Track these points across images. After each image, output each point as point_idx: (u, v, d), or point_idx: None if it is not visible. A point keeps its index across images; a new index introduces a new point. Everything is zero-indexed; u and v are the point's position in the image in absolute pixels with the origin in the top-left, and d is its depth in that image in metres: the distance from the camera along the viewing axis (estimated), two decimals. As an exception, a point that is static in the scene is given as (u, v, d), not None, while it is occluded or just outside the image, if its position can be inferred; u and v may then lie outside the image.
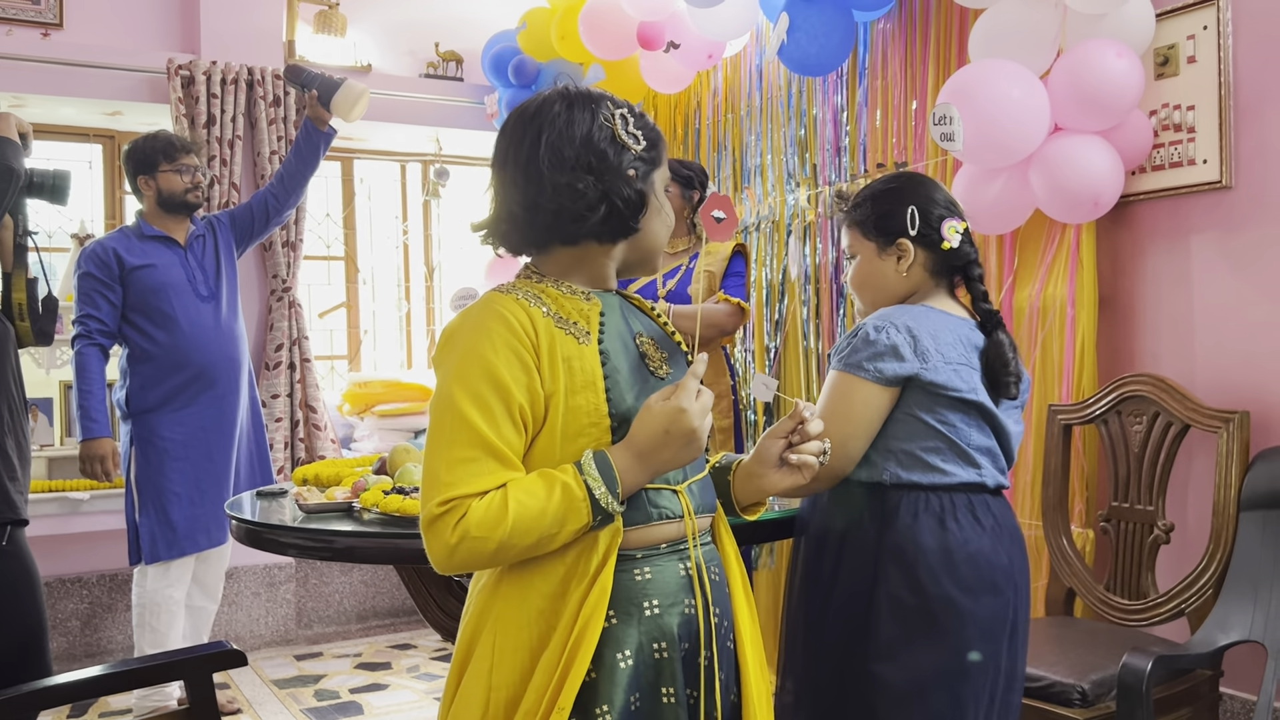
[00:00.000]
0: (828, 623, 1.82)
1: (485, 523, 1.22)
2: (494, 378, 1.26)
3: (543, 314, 1.32)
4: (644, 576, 1.31)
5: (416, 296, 5.40)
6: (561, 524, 1.24)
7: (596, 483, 1.24)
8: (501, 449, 1.25)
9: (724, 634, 1.37)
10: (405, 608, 4.71)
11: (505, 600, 1.31)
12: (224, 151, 4.25)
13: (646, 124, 1.41)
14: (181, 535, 3.38)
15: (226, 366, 3.50)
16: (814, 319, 3.57)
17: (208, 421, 3.44)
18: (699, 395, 1.28)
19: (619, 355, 1.34)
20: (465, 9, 4.97)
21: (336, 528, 2.03)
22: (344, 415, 4.75)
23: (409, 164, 5.38)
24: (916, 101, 3.18)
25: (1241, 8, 2.44)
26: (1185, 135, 2.55)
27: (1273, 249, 2.42)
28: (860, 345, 1.78)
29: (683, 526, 1.34)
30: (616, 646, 1.28)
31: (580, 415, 1.29)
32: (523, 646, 1.28)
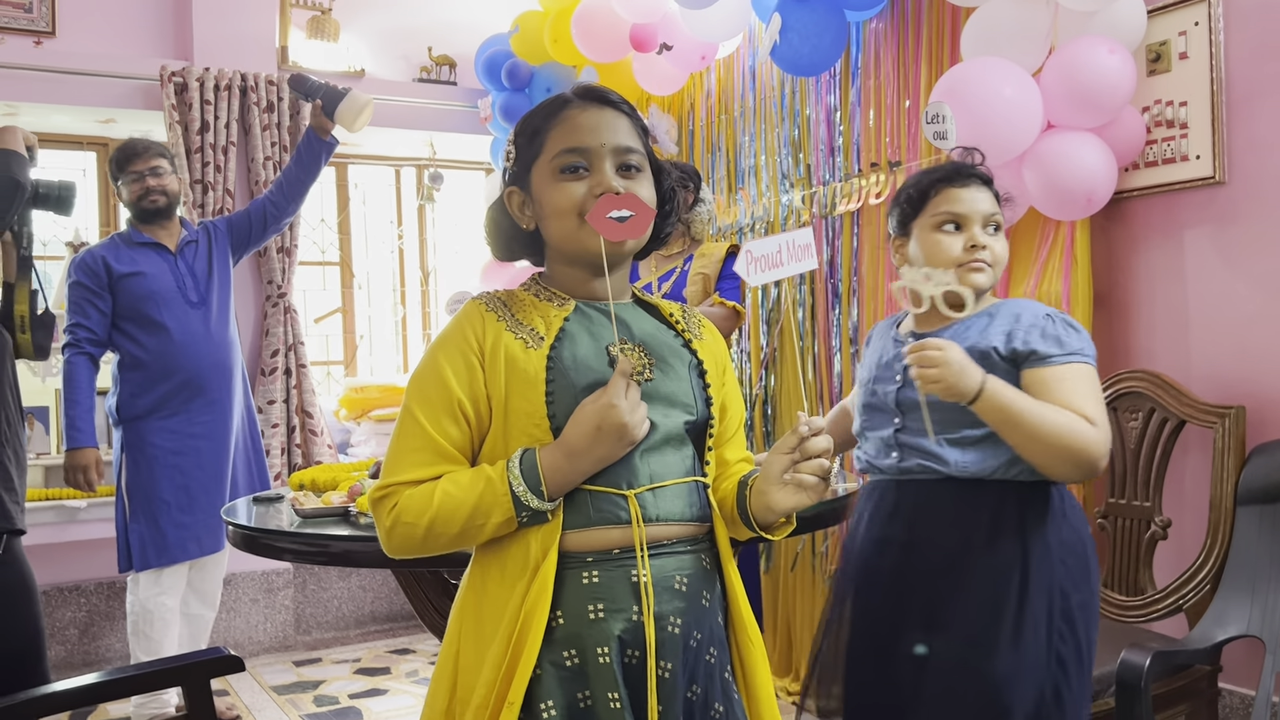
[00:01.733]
0: (950, 628, 1.76)
1: (413, 509, 1.30)
2: (438, 375, 1.34)
3: (496, 319, 1.37)
4: (591, 580, 1.30)
5: (412, 301, 5.39)
6: (486, 516, 1.29)
7: (517, 480, 1.28)
8: (439, 442, 1.32)
9: (695, 648, 1.33)
10: (404, 612, 4.70)
11: (469, 588, 1.38)
12: (218, 158, 4.25)
13: (532, 115, 1.42)
14: (172, 543, 3.36)
15: (218, 373, 3.48)
16: (809, 319, 3.57)
17: (199, 428, 3.42)
18: (629, 390, 1.28)
19: (575, 361, 1.33)
20: (458, 13, 4.97)
21: (332, 532, 2.03)
22: (340, 420, 4.75)
23: (403, 169, 5.38)
24: (910, 100, 3.18)
25: (1233, 3, 2.44)
26: (1178, 131, 2.55)
27: (1266, 243, 2.42)
28: (1070, 333, 1.78)
29: (630, 533, 1.31)
30: (560, 646, 1.29)
31: (522, 417, 1.32)
32: (482, 635, 1.32)
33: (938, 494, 1.82)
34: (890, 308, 3.23)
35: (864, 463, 1.96)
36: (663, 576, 1.32)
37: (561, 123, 1.38)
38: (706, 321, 1.52)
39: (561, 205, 1.36)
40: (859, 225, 3.38)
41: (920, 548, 1.82)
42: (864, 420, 1.96)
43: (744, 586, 1.44)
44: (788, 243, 1.43)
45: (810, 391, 3.57)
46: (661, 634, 1.30)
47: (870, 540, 1.90)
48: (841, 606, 1.95)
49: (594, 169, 1.36)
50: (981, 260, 1.83)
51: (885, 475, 1.91)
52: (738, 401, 1.52)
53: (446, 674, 1.35)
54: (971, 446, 1.78)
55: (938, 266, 1.80)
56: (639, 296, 1.49)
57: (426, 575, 2.37)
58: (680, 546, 1.35)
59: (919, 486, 1.85)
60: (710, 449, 1.43)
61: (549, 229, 1.40)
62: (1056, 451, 1.69)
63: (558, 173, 1.37)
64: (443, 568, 2.23)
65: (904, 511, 1.86)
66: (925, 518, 1.83)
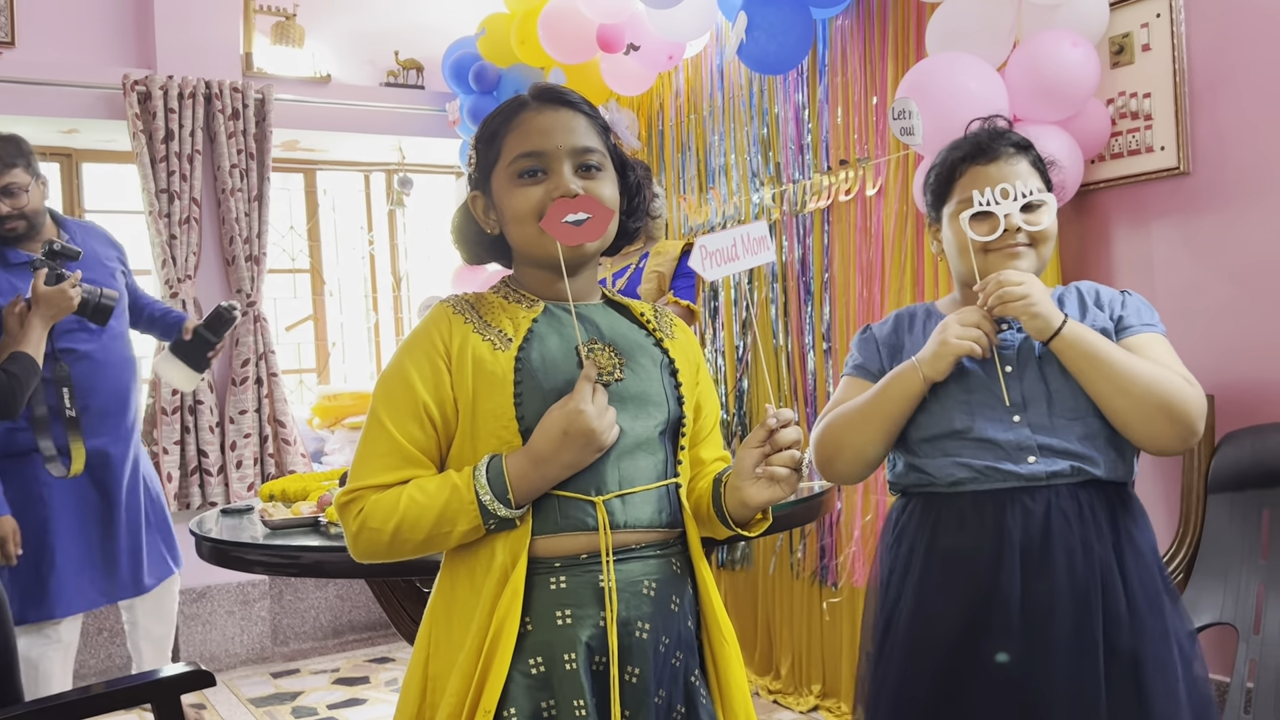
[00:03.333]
0: (1146, 633, 1.57)
1: (378, 514, 1.29)
2: (404, 379, 1.33)
3: (463, 321, 1.36)
4: (559, 586, 1.30)
5: (384, 307, 5.36)
6: (452, 523, 1.28)
7: (484, 489, 1.27)
8: (405, 446, 1.31)
9: (664, 653, 1.32)
10: (382, 621, 4.67)
11: (438, 594, 1.37)
12: (183, 166, 4.21)
13: (490, 120, 1.41)
14: (53, 595, 2.95)
15: (114, 402, 3.13)
16: (782, 317, 3.57)
17: (93, 463, 3.03)
18: (595, 395, 1.28)
19: (543, 362, 1.33)
20: (424, 16, 4.94)
21: (303, 543, 2.01)
22: (314, 429, 4.72)
23: (372, 174, 5.35)
24: (877, 97, 3.19)
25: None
26: (1142, 123, 2.57)
27: (1231, 233, 2.44)
28: (1146, 309, 1.68)
29: (598, 539, 1.30)
30: (528, 653, 1.28)
31: (490, 419, 1.31)
32: (452, 640, 1.31)
33: (1089, 498, 1.61)
34: (861, 304, 3.24)
35: (968, 470, 1.64)
36: (630, 582, 1.31)
37: (518, 126, 1.37)
38: (679, 321, 1.51)
39: (521, 210, 1.35)
40: (829, 222, 3.38)
41: (1078, 569, 1.57)
42: (965, 422, 1.65)
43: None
44: (742, 236, 1.41)
45: (783, 387, 3.57)
46: (629, 639, 1.30)
47: (1005, 566, 1.59)
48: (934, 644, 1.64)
49: (552, 172, 1.35)
50: (1018, 244, 1.65)
51: (1001, 484, 1.62)
52: (713, 400, 1.51)
53: (416, 681, 1.35)
54: (1097, 442, 1.62)
55: (966, 257, 1.66)
56: (609, 297, 1.48)
57: (401, 584, 2.35)
58: (649, 551, 1.34)
59: (1066, 492, 1.61)
60: (683, 449, 1.42)
61: (511, 233, 1.39)
62: (1152, 403, 1.54)
63: (516, 177, 1.36)
64: (415, 576, 2.21)
65: (1059, 522, 1.59)
66: (1079, 528, 1.59)
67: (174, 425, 4.20)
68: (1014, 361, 1.65)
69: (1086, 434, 1.61)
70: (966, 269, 1.68)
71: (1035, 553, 1.58)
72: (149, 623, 3.42)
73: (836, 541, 3.34)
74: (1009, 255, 1.65)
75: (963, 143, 1.75)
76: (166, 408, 4.18)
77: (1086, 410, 1.61)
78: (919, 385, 1.64)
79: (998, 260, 1.66)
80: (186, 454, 4.25)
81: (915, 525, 1.70)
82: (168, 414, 4.19)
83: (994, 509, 1.61)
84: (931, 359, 1.63)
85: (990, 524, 1.60)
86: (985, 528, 1.61)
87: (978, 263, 1.66)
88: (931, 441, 1.67)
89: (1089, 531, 1.58)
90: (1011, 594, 1.57)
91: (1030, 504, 1.60)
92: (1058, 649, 1.55)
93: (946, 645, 1.61)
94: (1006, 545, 1.59)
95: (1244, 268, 2.41)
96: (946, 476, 1.65)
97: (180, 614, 4.18)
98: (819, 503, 2.35)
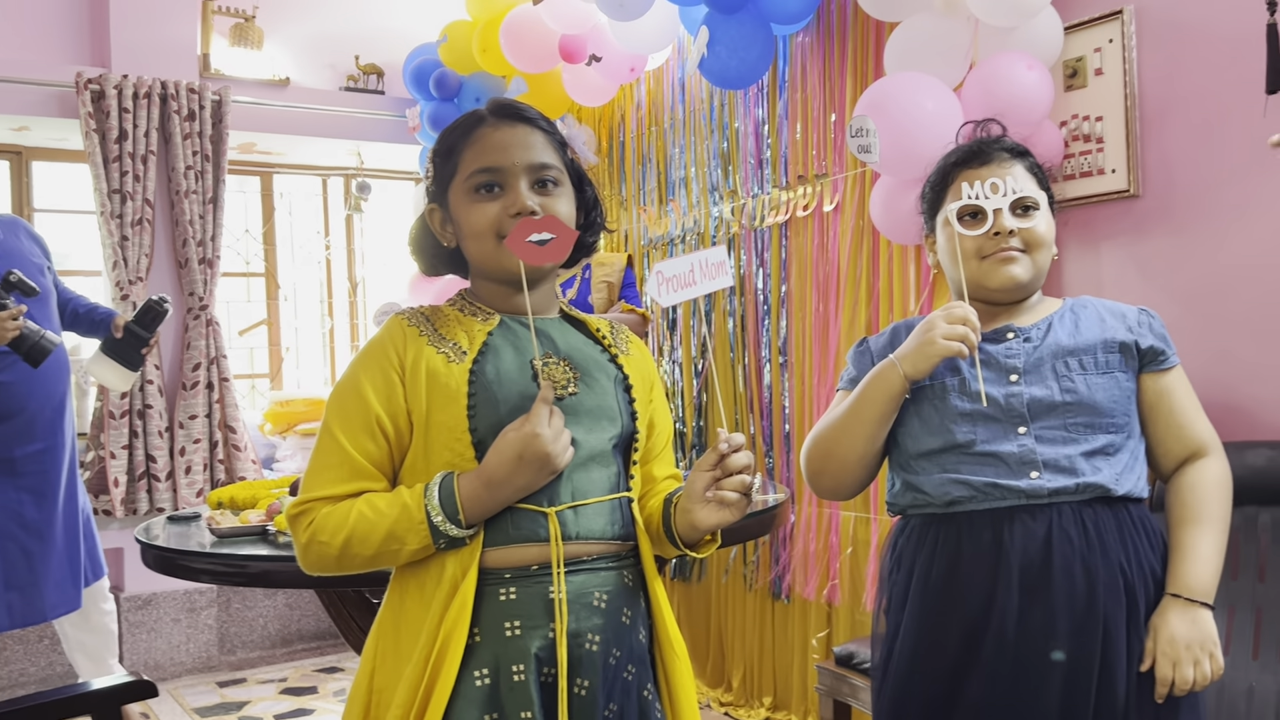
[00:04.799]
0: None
1: (328, 528, 1.28)
2: (358, 392, 1.32)
3: (418, 333, 1.36)
4: (508, 597, 1.29)
5: (340, 312, 5.32)
6: (401, 541, 1.27)
7: (435, 510, 1.26)
8: (356, 458, 1.31)
9: (614, 665, 1.32)
10: (331, 630, 4.62)
11: (387, 606, 1.36)
12: (137, 167, 4.15)
13: (447, 134, 1.41)
14: None
15: (48, 408, 3.03)
16: (739, 331, 3.59)
17: (27, 475, 2.95)
18: (552, 418, 1.27)
19: (498, 375, 1.32)
20: (385, 21, 4.92)
21: (250, 552, 1.98)
22: (266, 435, 4.66)
23: (330, 178, 5.31)
24: (835, 114, 3.21)
25: (1145, 22, 2.50)
26: (1094, 145, 2.61)
27: (1178, 255, 2.48)
28: (1166, 332, 1.65)
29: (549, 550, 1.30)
30: (476, 664, 1.27)
31: (443, 432, 1.31)
32: (400, 652, 1.30)
33: (1096, 517, 1.57)
34: (818, 319, 3.26)
35: (966, 488, 1.59)
36: (581, 593, 1.31)
37: (475, 142, 1.37)
38: (635, 338, 1.52)
39: (478, 226, 1.36)
40: (787, 237, 3.40)
41: (1079, 595, 1.54)
42: (967, 435, 1.60)
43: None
44: (700, 261, 1.41)
45: (740, 402, 3.58)
46: (579, 651, 1.29)
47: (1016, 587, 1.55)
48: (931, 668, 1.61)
49: (508, 188, 1.35)
50: (1011, 248, 1.61)
51: (1000, 502, 1.57)
52: (666, 418, 1.51)
53: (361, 694, 1.34)
54: (1109, 458, 1.59)
55: (958, 263, 1.62)
56: (566, 311, 1.49)
57: (350, 594, 2.32)
58: (601, 563, 1.34)
59: (1070, 511, 1.56)
60: (635, 464, 1.42)
61: (468, 248, 1.40)
62: (1227, 528, 1.63)
63: (472, 192, 1.37)
64: (364, 587, 2.19)
65: (1061, 544, 1.54)
66: (1096, 545, 1.55)
67: (122, 429, 4.13)
68: (1021, 371, 1.61)
69: (1101, 448, 1.58)
70: (960, 275, 1.64)
71: (1034, 575, 1.53)
72: (79, 635, 3.35)
73: (789, 554, 3.35)
74: (1003, 261, 1.61)
75: (957, 149, 1.72)
76: (115, 411, 4.11)
77: (1108, 423, 1.59)
78: (899, 384, 1.59)
79: (991, 268, 1.62)
80: (134, 459, 4.18)
81: (913, 548, 1.66)
82: (115, 418, 4.12)
83: (992, 530, 1.56)
84: (914, 356, 1.57)
85: (988, 546, 1.56)
86: (982, 551, 1.56)
87: (969, 270, 1.63)
88: (929, 456, 1.62)
89: (1093, 554, 1.54)
90: (1008, 621, 1.53)
91: (1031, 523, 1.55)
92: (1052, 680, 1.52)
93: (941, 677, 1.58)
94: (1004, 568, 1.54)
95: (1190, 290, 2.45)
96: (943, 495, 1.60)
97: (125, 621, 4.11)
98: (772, 516, 2.36)
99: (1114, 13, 2.52)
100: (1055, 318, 1.67)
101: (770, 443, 3.46)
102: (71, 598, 3.15)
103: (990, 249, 1.62)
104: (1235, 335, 2.35)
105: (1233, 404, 2.31)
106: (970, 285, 1.66)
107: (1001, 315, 1.69)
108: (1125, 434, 1.61)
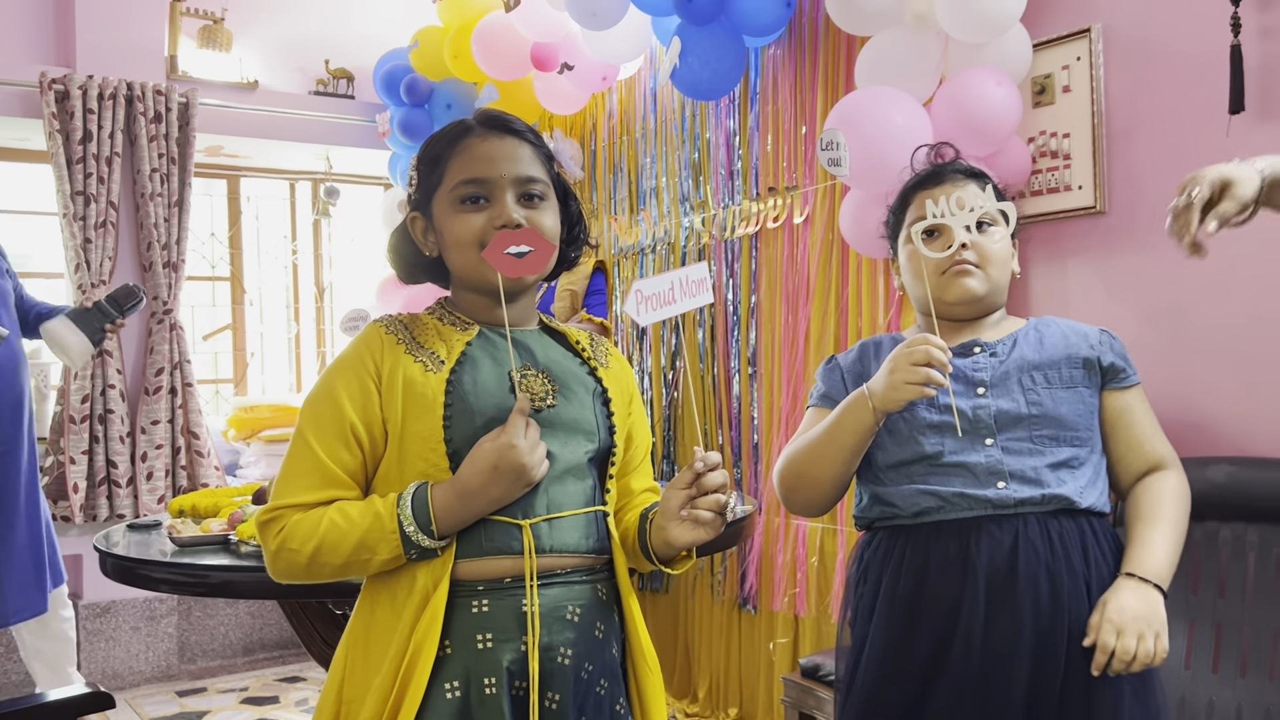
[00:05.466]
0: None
1: (298, 535, 1.27)
2: (333, 399, 1.31)
3: (395, 341, 1.34)
4: (481, 609, 1.28)
5: (306, 318, 5.27)
6: (372, 551, 1.26)
7: (408, 519, 1.25)
8: (330, 467, 1.29)
9: (586, 680, 1.31)
10: (294, 639, 4.57)
11: (357, 616, 1.35)
12: (101, 169, 4.09)
13: (434, 142, 1.40)
14: None
15: (5, 405, 2.97)
16: (709, 341, 3.59)
17: None
18: (528, 429, 1.27)
19: (475, 386, 1.32)
20: (356, 26, 4.89)
21: (211, 562, 1.95)
22: (229, 441, 4.61)
23: (298, 182, 5.26)
24: (806, 126, 3.22)
25: (1112, 41, 2.53)
26: (1062, 162, 2.63)
27: (1143, 272, 2.51)
28: (1125, 352, 1.70)
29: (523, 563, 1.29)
30: (447, 676, 1.26)
31: (418, 441, 1.30)
32: (369, 663, 1.29)
33: (1060, 528, 1.60)
34: (787, 330, 3.26)
35: (935, 499, 1.61)
36: (554, 607, 1.30)
37: (462, 152, 1.36)
38: (615, 351, 1.52)
39: (462, 237, 1.35)
40: (757, 248, 3.41)
41: (1043, 606, 1.55)
42: (935, 446, 1.63)
43: None
44: (680, 279, 1.41)
45: (709, 413, 3.58)
46: (551, 665, 1.28)
47: (982, 599, 1.57)
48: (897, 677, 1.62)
49: (494, 200, 1.35)
50: (966, 261, 1.65)
51: (967, 512, 1.59)
52: (644, 431, 1.51)
53: (330, 705, 1.32)
54: (1073, 470, 1.62)
55: (920, 278, 1.67)
56: (546, 323, 1.48)
57: (313, 604, 2.30)
58: (575, 577, 1.34)
59: (1035, 521, 1.58)
60: (611, 477, 1.42)
61: (450, 259, 1.39)
62: (1183, 533, 1.64)
63: (458, 203, 1.36)
64: (327, 597, 2.16)
65: (1026, 553, 1.56)
66: (1062, 556, 1.58)
67: (82, 434, 4.07)
68: (988, 384, 1.64)
69: (1065, 461, 1.61)
70: (920, 291, 1.68)
71: (1001, 584, 1.55)
72: (38, 643, 3.30)
73: (758, 566, 3.35)
74: (958, 274, 1.65)
75: (914, 175, 1.78)
76: (75, 416, 4.05)
77: (1071, 436, 1.62)
78: (870, 419, 1.60)
79: (949, 282, 1.65)
80: (95, 464, 4.12)
81: (880, 561, 1.67)
82: (76, 422, 4.05)
83: (959, 540, 1.58)
84: (883, 395, 1.57)
85: (955, 556, 1.58)
86: (950, 560, 1.58)
87: (931, 285, 1.66)
88: (898, 468, 1.65)
89: (1058, 564, 1.56)
90: (975, 630, 1.55)
91: (997, 533, 1.57)
92: (1017, 689, 1.53)
93: (908, 687, 1.59)
94: (971, 577, 1.56)
95: (1154, 306, 2.48)
96: (912, 506, 1.62)
97: (83, 629, 4.04)
98: (740, 528, 2.35)
99: (1082, 31, 2.55)
100: (1020, 334, 1.71)
101: (739, 454, 3.46)
102: (36, 602, 3.11)
103: (947, 263, 1.66)
104: (1197, 352, 2.38)
105: (1194, 420, 2.34)
106: (931, 302, 1.69)
107: (967, 330, 1.73)
108: (1089, 448, 1.66)
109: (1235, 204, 1.44)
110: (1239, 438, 2.27)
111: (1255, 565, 2.04)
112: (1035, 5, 2.57)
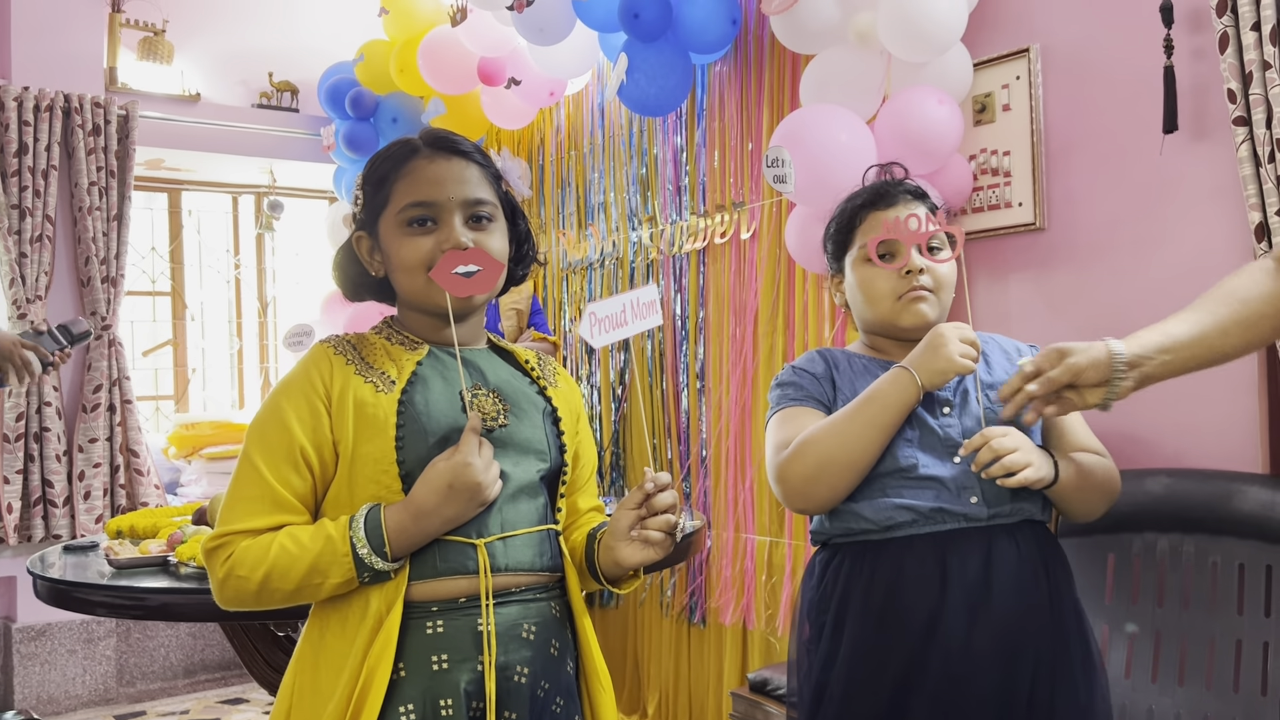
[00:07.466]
0: (1075, 680, 1.60)
1: (247, 562, 1.24)
2: (281, 421, 1.28)
3: (344, 362, 1.32)
4: (435, 630, 1.27)
5: (249, 333, 5.20)
6: (324, 575, 1.24)
7: (361, 541, 1.23)
8: (279, 491, 1.26)
9: (542, 698, 1.31)
10: (236, 660, 4.48)
11: (305, 640, 1.32)
12: (37, 182, 4.01)
13: (379, 162, 1.38)
14: None
15: None
16: (657, 356, 3.59)
17: None
18: (482, 448, 1.26)
19: (427, 406, 1.30)
20: (301, 39, 4.84)
21: (150, 585, 1.91)
22: (170, 459, 4.52)
23: (241, 196, 5.20)
24: (752, 143, 3.25)
25: (1050, 61, 2.58)
26: (1002, 179, 2.68)
27: (1081, 287, 2.55)
28: None
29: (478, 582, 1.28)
30: (401, 700, 1.24)
31: (370, 463, 1.28)
32: (319, 689, 1.26)
33: (1025, 540, 1.61)
34: (735, 344, 3.28)
35: (910, 513, 1.60)
36: (510, 625, 1.29)
37: (408, 174, 1.35)
38: (562, 370, 1.52)
39: (409, 260, 1.33)
40: (705, 264, 3.42)
41: (1013, 619, 1.56)
42: (909, 459, 1.62)
43: None
44: (631, 301, 1.41)
45: (658, 428, 3.58)
46: (507, 684, 1.27)
47: (958, 609, 1.56)
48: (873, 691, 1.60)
49: (442, 223, 1.33)
50: (922, 287, 1.66)
51: (941, 525, 1.59)
52: (590, 450, 1.51)
53: None
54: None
55: (874, 302, 1.68)
56: (494, 343, 1.47)
57: (255, 626, 2.26)
58: (529, 595, 1.33)
59: (1003, 534, 1.59)
60: (562, 495, 1.42)
61: (398, 280, 1.37)
62: (1106, 495, 1.65)
63: (405, 225, 1.34)
64: (270, 620, 2.13)
65: (999, 567, 1.57)
66: (1026, 569, 1.59)
67: (16, 453, 3.97)
68: (952, 403, 1.65)
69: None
70: (873, 315, 1.69)
71: (976, 597, 1.55)
72: None
73: (706, 580, 3.35)
74: (914, 300, 1.66)
75: (861, 192, 1.76)
76: (9, 434, 3.95)
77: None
78: (915, 393, 1.57)
79: (904, 308, 1.66)
80: (30, 484, 4.02)
81: (845, 578, 1.63)
82: (10, 441, 3.96)
83: (934, 553, 1.57)
84: (929, 370, 1.56)
85: (931, 569, 1.56)
86: (926, 574, 1.56)
87: (883, 309, 1.67)
88: (869, 480, 1.60)
89: (1025, 576, 1.58)
90: (952, 642, 1.54)
91: (969, 547, 1.57)
92: (990, 701, 1.54)
93: (882, 701, 1.57)
94: (948, 590, 1.55)
95: (1092, 321, 2.52)
96: (884, 520, 1.59)
97: (16, 653, 3.94)
98: (689, 543, 2.36)
99: (1021, 51, 2.60)
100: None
101: (687, 468, 3.47)
102: None
103: (903, 288, 1.66)
104: (1135, 365, 2.42)
105: (1132, 432, 2.38)
106: (883, 325, 1.70)
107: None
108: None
109: (1064, 408, 1.52)
110: (1176, 450, 2.31)
111: (1192, 575, 2.08)
112: (976, 25, 2.61)
